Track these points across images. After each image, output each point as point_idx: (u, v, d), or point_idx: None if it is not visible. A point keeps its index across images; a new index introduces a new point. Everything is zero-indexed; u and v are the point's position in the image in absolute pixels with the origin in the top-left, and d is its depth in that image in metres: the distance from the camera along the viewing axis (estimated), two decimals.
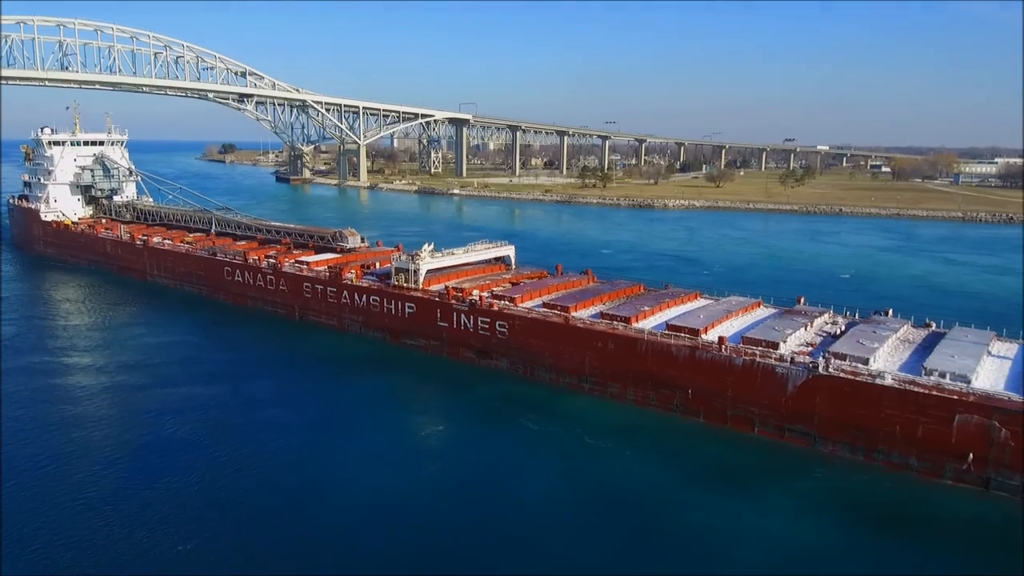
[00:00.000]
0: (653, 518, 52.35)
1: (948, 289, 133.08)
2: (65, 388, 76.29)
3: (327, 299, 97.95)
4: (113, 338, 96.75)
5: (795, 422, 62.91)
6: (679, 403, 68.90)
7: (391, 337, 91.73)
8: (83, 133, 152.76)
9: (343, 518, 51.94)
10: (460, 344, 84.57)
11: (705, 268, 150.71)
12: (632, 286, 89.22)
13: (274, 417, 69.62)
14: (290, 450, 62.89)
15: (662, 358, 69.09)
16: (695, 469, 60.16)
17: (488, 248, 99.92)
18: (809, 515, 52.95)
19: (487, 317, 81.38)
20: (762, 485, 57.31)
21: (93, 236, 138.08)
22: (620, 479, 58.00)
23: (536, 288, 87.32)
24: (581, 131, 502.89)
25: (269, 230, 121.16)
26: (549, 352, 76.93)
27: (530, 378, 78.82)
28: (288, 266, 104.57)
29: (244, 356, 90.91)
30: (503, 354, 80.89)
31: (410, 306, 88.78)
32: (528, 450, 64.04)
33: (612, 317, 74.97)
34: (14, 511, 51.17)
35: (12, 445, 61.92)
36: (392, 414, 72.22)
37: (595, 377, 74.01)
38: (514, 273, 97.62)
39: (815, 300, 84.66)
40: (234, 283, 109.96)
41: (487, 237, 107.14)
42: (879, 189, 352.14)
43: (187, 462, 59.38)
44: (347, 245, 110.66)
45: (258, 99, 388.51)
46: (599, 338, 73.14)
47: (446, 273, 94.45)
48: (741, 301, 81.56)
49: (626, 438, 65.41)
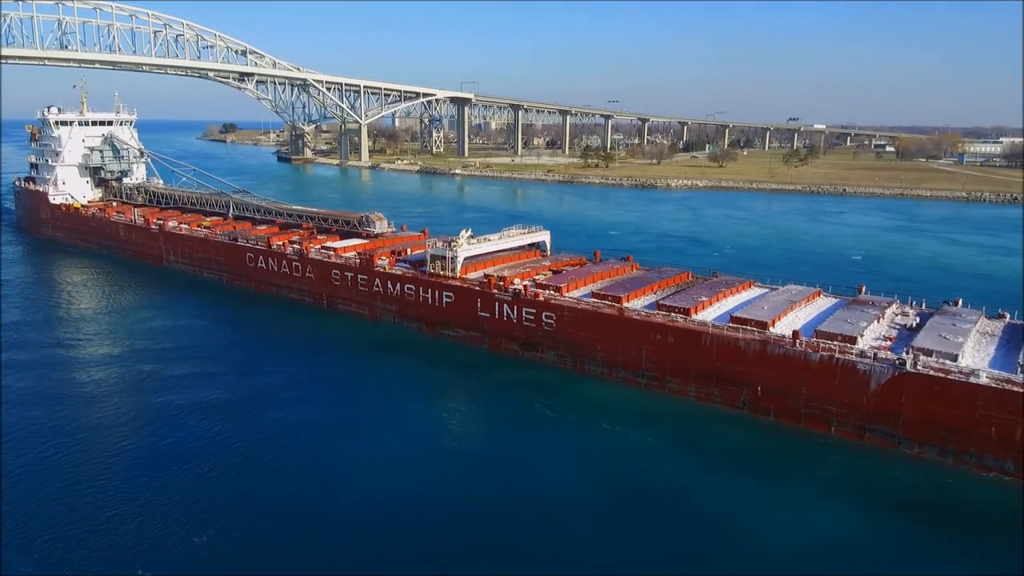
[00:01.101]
0: (734, 527, 47.94)
1: (960, 271, 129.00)
2: (87, 380, 71.15)
3: (358, 287, 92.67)
4: (133, 326, 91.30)
5: (877, 422, 58.28)
6: (746, 400, 64.21)
7: (427, 327, 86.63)
8: (91, 113, 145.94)
9: (377, 512, 49.43)
10: (502, 335, 79.57)
11: (715, 250, 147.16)
12: (680, 273, 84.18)
13: (309, 410, 65.80)
14: (323, 442, 59.63)
15: (729, 353, 64.26)
16: (767, 471, 55.70)
17: (524, 233, 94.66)
18: (895, 517, 49.20)
19: (532, 307, 76.31)
20: (841, 484, 53.43)
21: (105, 220, 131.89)
22: (686, 481, 53.55)
23: (580, 276, 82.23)
24: (584, 110, 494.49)
25: (290, 214, 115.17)
26: (601, 345, 72.00)
27: (579, 372, 74.00)
28: (315, 252, 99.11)
29: (272, 346, 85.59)
30: (550, 346, 75.96)
31: (448, 295, 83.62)
32: (581, 446, 59.53)
33: (670, 308, 70.01)
34: (22, 505, 48.87)
35: (35, 439, 58.43)
36: (431, 408, 67.69)
37: (652, 372, 69.20)
38: (553, 260, 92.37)
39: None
40: (257, 270, 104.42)
41: (491, 218, 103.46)
42: (883, 169, 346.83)
43: (207, 455, 56.44)
44: (374, 230, 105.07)
45: (259, 78, 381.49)
46: (658, 331, 68.24)
47: (482, 260, 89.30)
48: (801, 290, 76.57)
49: (693, 438, 60.84)
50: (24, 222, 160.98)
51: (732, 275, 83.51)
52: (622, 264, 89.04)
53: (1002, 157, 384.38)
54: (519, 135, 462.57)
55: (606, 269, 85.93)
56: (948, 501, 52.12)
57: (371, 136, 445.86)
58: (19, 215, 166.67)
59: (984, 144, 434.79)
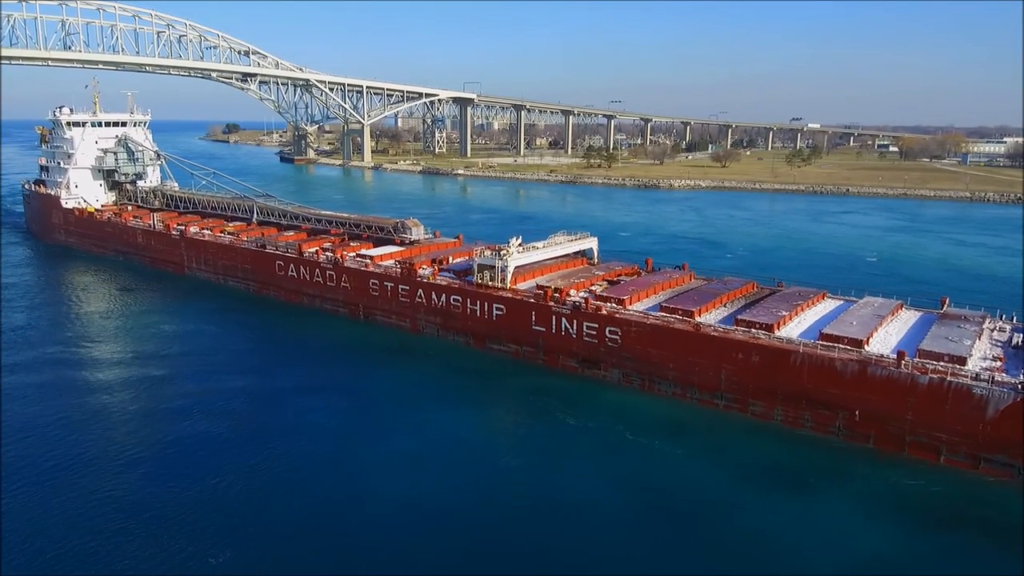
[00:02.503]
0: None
1: (977, 273, 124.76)
2: (118, 396, 64.71)
3: (398, 298, 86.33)
4: (160, 337, 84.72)
5: (995, 451, 52.47)
6: (842, 426, 58.32)
7: (474, 341, 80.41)
8: (104, 113, 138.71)
9: (421, 525, 46.59)
10: (560, 351, 73.41)
11: (728, 251, 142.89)
12: (745, 284, 78.15)
13: (355, 426, 61.63)
14: (371, 458, 55.63)
15: (823, 374, 58.33)
16: (865, 494, 49.86)
17: (571, 240, 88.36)
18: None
19: (594, 322, 70.19)
20: (952, 516, 47.74)
21: (122, 225, 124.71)
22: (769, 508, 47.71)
23: (640, 287, 76.12)
24: (586, 110, 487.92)
25: (319, 219, 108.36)
26: (674, 363, 65.98)
27: (648, 391, 67.98)
28: (350, 260, 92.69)
29: (309, 360, 78.74)
30: (614, 364, 69.87)
31: (499, 308, 77.41)
32: (658, 473, 53.89)
33: (750, 324, 64.10)
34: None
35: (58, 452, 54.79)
36: (484, 425, 62.62)
37: (733, 393, 63.27)
38: (605, 269, 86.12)
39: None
40: (287, 278, 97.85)
41: (497, 218, 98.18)
42: (886, 169, 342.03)
43: (237, 465, 53.34)
44: (411, 237, 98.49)
45: (261, 78, 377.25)
46: (740, 349, 62.26)
47: (531, 269, 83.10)
48: (883, 303, 70.62)
49: (785, 469, 54.98)
50: (34, 226, 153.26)
51: (800, 286, 77.43)
52: (680, 273, 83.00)
53: (1006, 157, 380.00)
54: (522, 135, 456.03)
55: (665, 279, 79.79)
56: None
57: (374, 136, 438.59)
58: (28, 219, 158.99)
59: (988, 144, 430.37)
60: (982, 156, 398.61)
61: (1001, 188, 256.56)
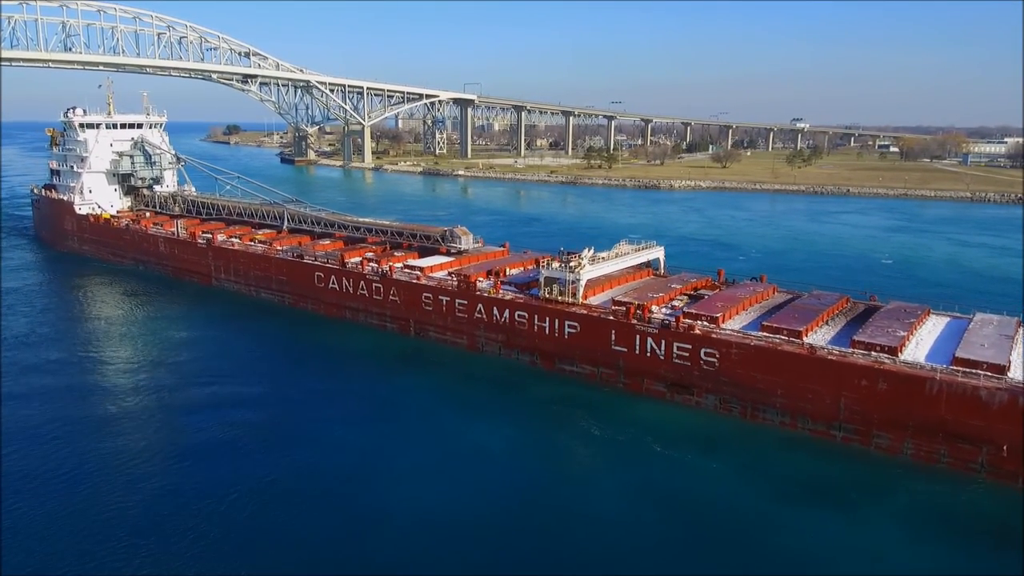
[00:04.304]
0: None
1: (994, 275, 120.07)
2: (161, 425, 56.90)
3: (454, 313, 78.50)
4: (198, 353, 77.08)
5: None
6: (985, 462, 51.27)
7: (542, 361, 72.71)
8: (119, 115, 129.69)
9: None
10: (644, 374, 65.90)
11: (742, 254, 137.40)
12: (840, 298, 70.69)
13: (422, 459, 54.69)
14: (444, 483, 51.02)
15: (965, 404, 51.18)
16: None
17: (638, 251, 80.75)
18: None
19: (687, 342, 62.78)
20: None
21: (142, 232, 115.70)
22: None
23: (727, 302, 68.70)
24: (587, 111, 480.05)
25: (357, 227, 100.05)
26: (783, 390, 58.73)
27: (750, 420, 60.70)
28: (399, 272, 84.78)
29: (361, 381, 70.86)
30: (709, 389, 62.49)
31: (572, 325, 69.76)
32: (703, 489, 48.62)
33: (870, 346, 56.85)
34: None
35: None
36: (561, 457, 56.05)
37: (854, 424, 56.03)
38: (680, 282, 78.42)
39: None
40: (327, 291, 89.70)
41: (503, 220, 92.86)
42: (887, 169, 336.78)
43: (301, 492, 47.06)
44: (459, 246, 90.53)
45: (262, 80, 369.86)
46: (863, 374, 54.98)
47: (599, 283, 75.70)
48: (1002, 321, 63.21)
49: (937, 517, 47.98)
50: (44, 233, 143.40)
51: (902, 300, 70.07)
52: (761, 286, 75.55)
53: (1007, 157, 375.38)
54: (522, 136, 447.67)
55: (750, 293, 72.26)
56: None
57: (374, 137, 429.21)
58: (37, 225, 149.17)
59: (989, 144, 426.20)
60: (983, 156, 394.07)
61: (1002, 188, 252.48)
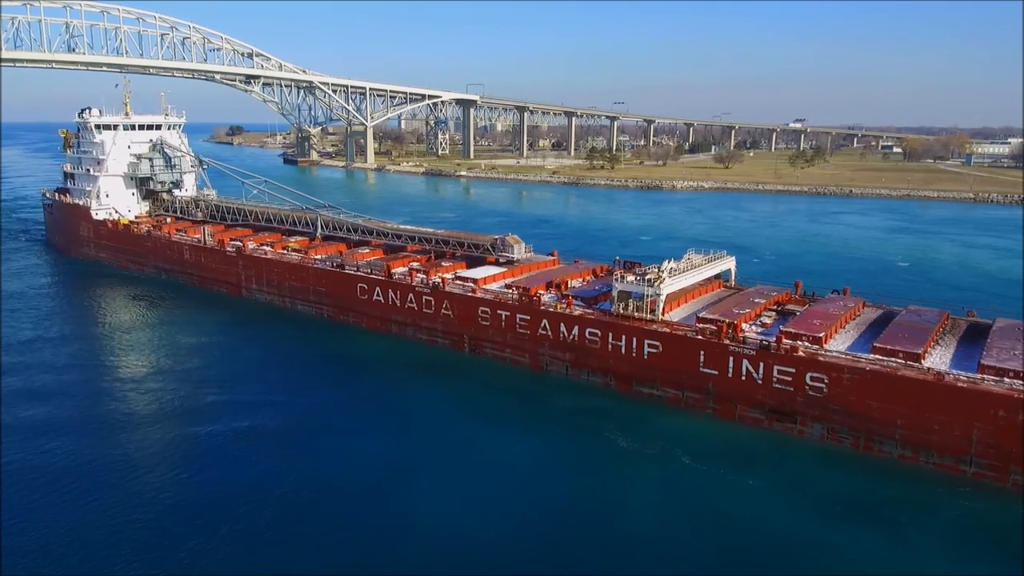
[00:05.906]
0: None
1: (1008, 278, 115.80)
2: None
3: (515, 329, 71.75)
4: (242, 371, 70.00)
5: None
6: None
7: (617, 383, 66.16)
8: (137, 116, 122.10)
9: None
10: (738, 399, 59.54)
11: (755, 256, 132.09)
12: (941, 314, 63.89)
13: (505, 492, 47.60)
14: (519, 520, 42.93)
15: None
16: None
17: (710, 261, 74.14)
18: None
19: (790, 365, 56.41)
20: None
21: (165, 239, 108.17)
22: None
23: (824, 320, 62.18)
24: (589, 112, 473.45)
25: (398, 234, 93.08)
26: (903, 419, 52.44)
27: (864, 452, 54.42)
28: (452, 284, 78.03)
29: (422, 404, 64.17)
30: (816, 417, 56.12)
31: (653, 344, 63.25)
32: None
33: (1001, 371, 50.66)
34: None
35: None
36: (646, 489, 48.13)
37: (988, 459, 49.84)
38: (761, 295, 71.69)
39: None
40: (372, 304, 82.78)
41: (511, 221, 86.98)
42: (890, 170, 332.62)
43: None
44: (511, 255, 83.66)
45: (265, 80, 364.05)
46: (1000, 404, 48.77)
47: (675, 297, 69.26)
48: None
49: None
50: (57, 239, 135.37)
51: (1003, 317, 64.15)
52: (851, 301, 69.09)
53: (1010, 158, 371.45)
54: (524, 137, 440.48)
55: (842, 310, 65.72)
56: None
57: (377, 138, 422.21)
58: (49, 231, 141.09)
59: (992, 145, 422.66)
60: (986, 157, 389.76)
61: (1004, 189, 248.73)
